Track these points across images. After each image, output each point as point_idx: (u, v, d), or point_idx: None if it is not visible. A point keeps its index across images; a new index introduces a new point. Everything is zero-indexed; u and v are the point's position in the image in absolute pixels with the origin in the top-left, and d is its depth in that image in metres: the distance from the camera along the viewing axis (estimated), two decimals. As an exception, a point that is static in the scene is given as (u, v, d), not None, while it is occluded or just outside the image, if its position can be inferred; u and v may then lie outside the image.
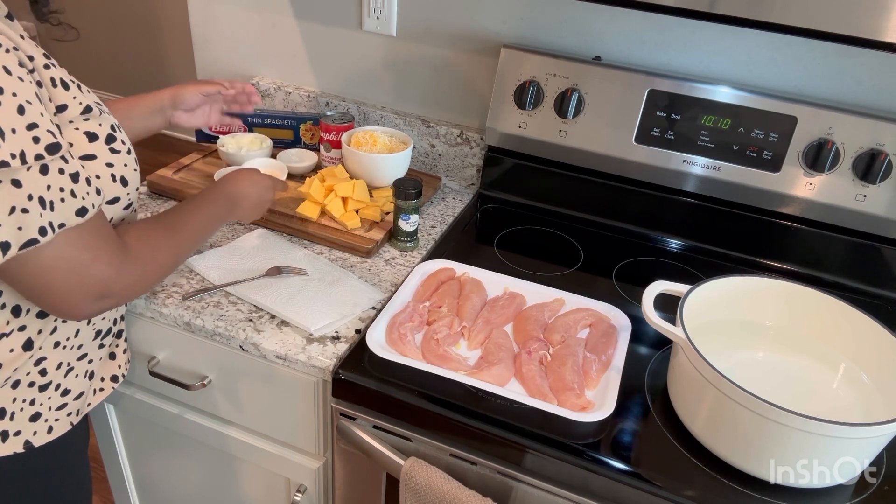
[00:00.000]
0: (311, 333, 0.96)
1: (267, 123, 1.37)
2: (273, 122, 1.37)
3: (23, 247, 0.65)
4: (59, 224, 0.68)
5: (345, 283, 1.06)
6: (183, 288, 1.03)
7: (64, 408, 0.87)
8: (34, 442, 0.83)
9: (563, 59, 1.20)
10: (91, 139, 0.76)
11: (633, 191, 1.25)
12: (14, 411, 0.81)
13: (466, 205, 1.36)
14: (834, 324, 0.90)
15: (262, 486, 1.16)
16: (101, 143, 0.76)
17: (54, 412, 0.86)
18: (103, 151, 0.77)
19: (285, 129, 1.39)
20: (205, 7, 1.51)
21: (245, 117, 1.32)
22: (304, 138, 1.40)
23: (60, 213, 0.68)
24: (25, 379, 0.81)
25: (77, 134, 0.74)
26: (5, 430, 0.80)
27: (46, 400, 0.84)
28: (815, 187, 1.13)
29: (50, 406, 0.85)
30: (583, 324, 1.00)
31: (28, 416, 0.82)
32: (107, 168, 0.77)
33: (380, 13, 1.35)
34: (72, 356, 0.86)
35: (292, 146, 1.39)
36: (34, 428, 0.83)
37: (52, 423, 0.86)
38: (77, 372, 0.88)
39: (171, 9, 3.15)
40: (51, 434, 0.85)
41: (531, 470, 0.84)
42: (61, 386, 0.86)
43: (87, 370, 0.90)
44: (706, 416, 0.81)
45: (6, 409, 0.80)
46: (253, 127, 1.36)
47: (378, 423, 0.92)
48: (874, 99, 1.11)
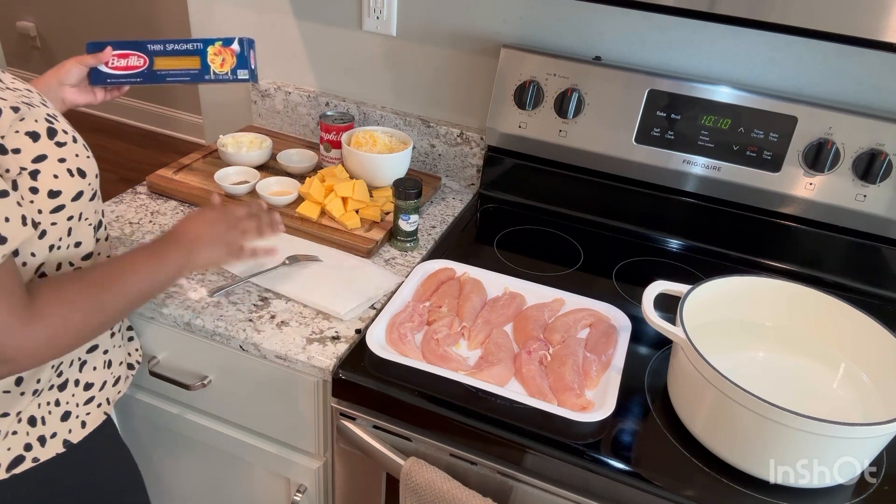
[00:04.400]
0: (341, 318, 0.99)
1: (169, 51, 1.11)
2: (175, 48, 1.11)
3: None
4: None
5: (364, 269, 1.10)
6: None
7: (92, 401, 0.88)
8: (72, 439, 0.85)
9: (563, 59, 1.20)
10: (34, 139, 0.72)
11: (633, 191, 1.25)
12: (44, 415, 0.82)
13: (466, 205, 1.36)
14: (834, 324, 0.90)
15: (262, 486, 1.16)
16: (45, 140, 0.73)
17: (83, 407, 0.87)
18: (50, 148, 0.73)
19: (190, 57, 1.11)
20: (205, 7, 1.51)
21: (143, 46, 1.09)
22: (214, 65, 1.11)
23: None
24: (46, 384, 0.82)
25: (19, 137, 0.70)
26: (42, 435, 0.82)
27: (71, 397, 0.85)
28: (815, 187, 1.13)
29: (77, 402, 0.86)
30: (583, 324, 1.00)
31: (59, 417, 0.84)
32: (60, 164, 0.74)
33: (380, 13, 1.35)
34: (81, 351, 0.87)
35: (201, 78, 1.11)
36: (68, 426, 0.85)
37: (84, 418, 0.87)
38: (94, 364, 0.88)
39: (171, 9, 3.15)
40: (85, 428, 0.87)
41: (531, 470, 0.84)
42: (80, 381, 0.87)
43: (104, 360, 0.90)
44: (706, 416, 0.81)
45: (36, 416, 0.81)
46: (154, 56, 1.10)
47: (378, 423, 0.92)
48: (874, 99, 1.11)
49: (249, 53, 1.10)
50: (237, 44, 1.09)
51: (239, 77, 1.10)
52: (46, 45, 3.59)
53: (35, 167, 0.71)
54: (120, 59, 1.07)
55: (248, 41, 1.10)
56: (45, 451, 0.82)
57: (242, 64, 1.09)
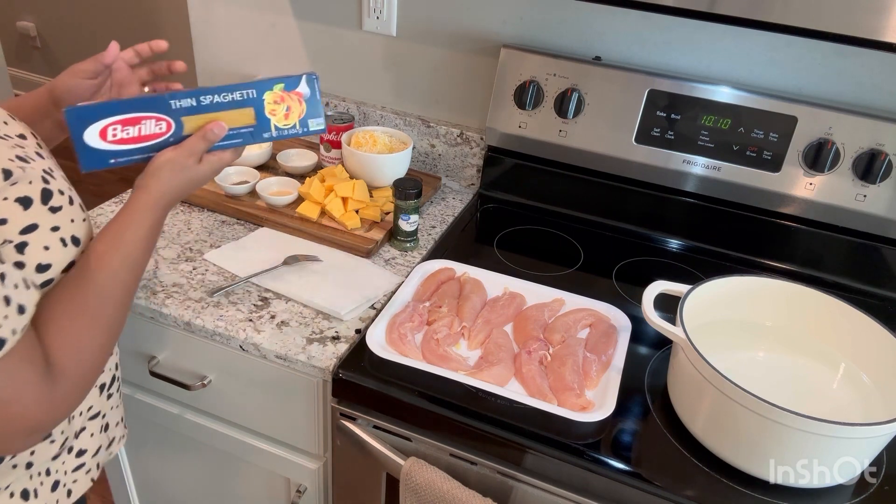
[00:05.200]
0: (341, 318, 0.99)
1: (206, 106, 0.78)
2: (215, 101, 0.78)
3: None
4: None
5: (364, 269, 1.10)
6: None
7: (81, 468, 0.82)
8: None
9: (563, 59, 1.20)
10: (26, 205, 0.63)
11: (633, 191, 1.25)
12: (36, 488, 0.76)
13: (466, 205, 1.36)
14: (834, 324, 0.90)
15: (262, 486, 1.16)
16: (38, 206, 0.64)
17: (71, 474, 0.81)
18: (43, 215, 0.65)
19: (239, 111, 0.79)
20: (205, 7, 1.51)
21: (163, 104, 0.76)
22: (275, 118, 0.81)
23: None
24: (39, 457, 0.76)
25: (7, 204, 0.62)
26: None
27: (61, 465, 0.79)
28: (815, 187, 1.13)
29: (66, 470, 0.80)
30: (583, 324, 1.00)
31: (49, 488, 0.78)
32: (53, 233, 0.66)
33: (380, 13, 1.35)
34: (83, 419, 0.81)
35: (258, 137, 0.81)
36: (56, 497, 0.79)
37: (70, 486, 0.81)
38: (91, 431, 0.83)
39: (171, 9, 3.15)
40: (71, 497, 0.81)
41: (531, 470, 0.84)
42: (74, 448, 0.81)
43: (101, 425, 0.85)
44: (706, 416, 0.81)
45: (28, 489, 0.75)
46: (181, 117, 0.77)
47: (378, 423, 0.92)
48: (874, 99, 1.11)
49: (319, 95, 0.83)
50: (305, 84, 0.81)
51: (311, 129, 0.82)
52: (46, 45, 3.59)
53: (23, 239, 0.63)
54: (127, 127, 0.75)
55: (317, 79, 0.82)
56: None
57: (315, 111, 0.82)
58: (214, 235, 1.17)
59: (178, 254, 1.11)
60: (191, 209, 1.24)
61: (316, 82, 0.82)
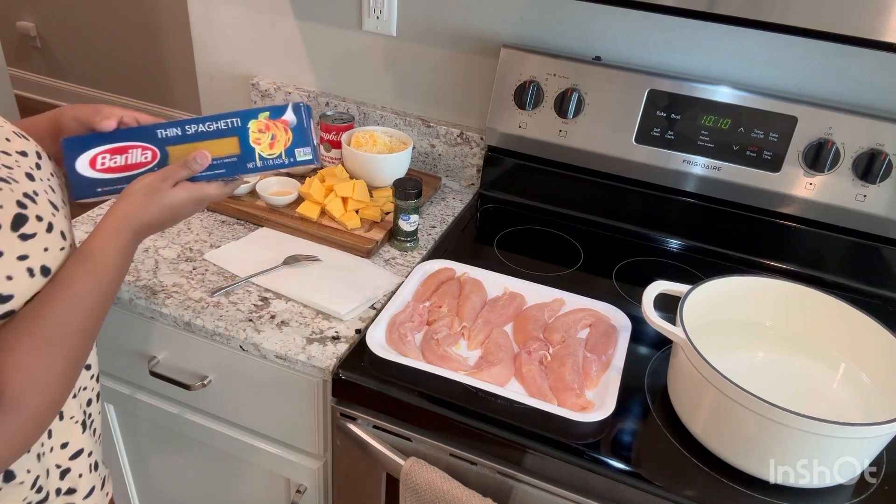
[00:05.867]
0: (341, 318, 0.99)
1: (191, 135, 0.79)
2: (200, 130, 0.79)
3: None
4: None
5: (364, 269, 1.10)
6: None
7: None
8: None
9: (563, 59, 1.20)
10: None
11: (633, 191, 1.25)
12: None
13: (466, 205, 1.36)
14: (834, 324, 0.90)
15: (262, 486, 1.16)
16: (6, 232, 0.60)
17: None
18: (11, 242, 0.61)
19: (223, 140, 0.80)
20: (205, 7, 1.51)
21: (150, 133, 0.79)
22: (260, 147, 0.80)
23: None
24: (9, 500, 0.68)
25: None
26: None
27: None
28: (815, 187, 1.13)
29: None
30: (583, 324, 1.00)
31: None
32: (19, 262, 0.61)
33: (380, 13, 1.35)
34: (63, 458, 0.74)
35: (242, 168, 0.80)
36: None
37: None
38: (80, 471, 0.76)
39: (171, 9, 3.15)
40: None
41: (531, 470, 0.84)
42: (61, 489, 0.74)
43: (89, 464, 0.78)
44: (706, 416, 0.81)
45: None
46: (167, 146, 0.79)
47: (378, 423, 0.92)
48: (874, 99, 1.11)
49: (309, 124, 0.81)
50: (291, 112, 0.80)
51: (298, 159, 0.80)
52: (46, 45, 3.60)
53: None
54: (115, 156, 0.77)
55: (306, 108, 0.81)
56: None
57: (301, 140, 0.80)
58: (214, 235, 1.17)
59: (178, 254, 1.11)
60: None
61: (304, 111, 0.81)
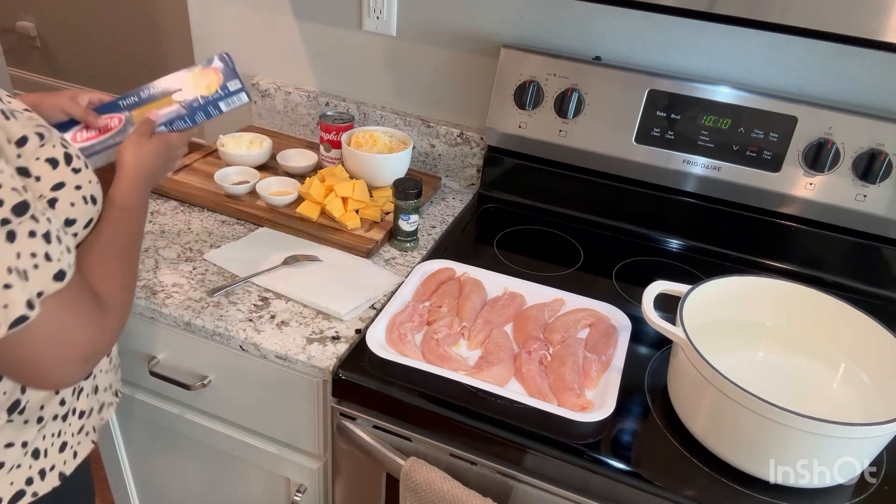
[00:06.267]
0: (341, 318, 0.99)
1: (146, 98, 0.98)
2: (153, 93, 0.99)
3: (12, 326, 0.59)
4: (37, 293, 0.61)
5: (364, 269, 1.10)
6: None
7: (82, 430, 0.86)
8: (66, 471, 0.83)
9: (563, 59, 1.20)
10: (54, 165, 0.69)
11: (633, 191, 1.25)
12: (47, 448, 0.80)
13: (466, 205, 1.36)
14: (834, 324, 0.90)
15: (262, 486, 1.16)
16: (62, 167, 0.70)
17: (76, 437, 0.85)
18: (68, 174, 0.71)
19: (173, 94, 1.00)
20: (205, 7, 1.51)
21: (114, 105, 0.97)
22: (199, 90, 0.99)
23: (37, 280, 0.61)
24: (49, 414, 0.79)
25: (40, 164, 0.68)
26: (42, 468, 0.79)
27: (68, 427, 0.83)
28: (815, 187, 1.13)
29: (72, 432, 0.84)
30: (583, 324, 1.00)
31: (58, 448, 0.82)
32: (76, 192, 0.72)
33: (380, 13, 1.35)
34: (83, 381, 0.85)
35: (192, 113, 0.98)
36: (63, 458, 0.82)
37: (76, 448, 0.85)
38: (87, 391, 0.86)
39: (171, 9, 3.15)
40: (77, 458, 0.85)
41: (531, 470, 0.84)
42: (77, 409, 0.84)
43: (93, 385, 0.88)
44: (706, 416, 0.81)
45: (40, 448, 0.79)
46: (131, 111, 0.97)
47: (378, 423, 0.92)
48: (874, 99, 1.11)
49: (234, 66, 1.01)
50: (218, 60, 1.00)
51: (231, 89, 0.99)
52: (46, 45, 3.59)
53: (54, 195, 0.69)
54: (90, 129, 0.94)
55: (229, 56, 1.01)
56: (44, 485, 0.79)
57: (230, 76, 0.99)
58: (214, 235, 1.17)
59: (178, 254, 1.11)
60: (191, 209, 1.24)
61: (228, 57, 1.01)
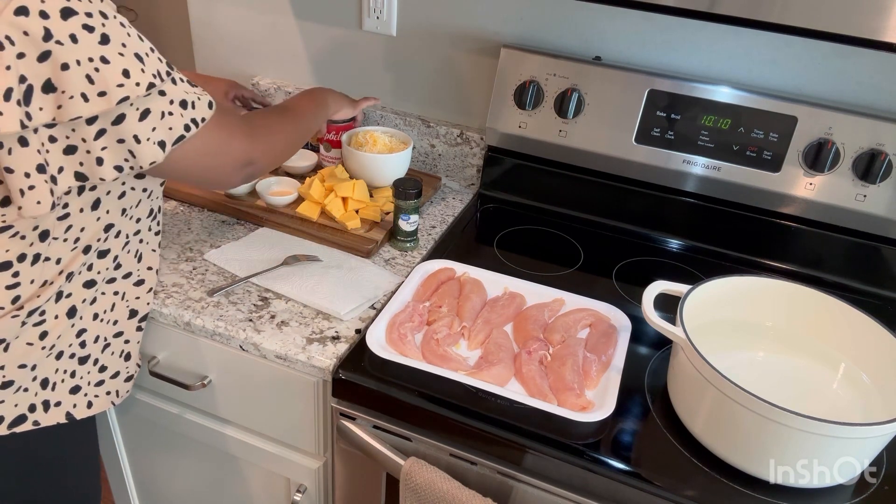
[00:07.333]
0: (341, 318, 0.99)
1: None
2: None
3: (175, 142, 0.77)
4: (200, 119, 0.79)
5: (364, 269, 1.10)
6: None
7: (102, 385, 0.92)
8: (75, 414, 0.89)
9: (563, 59, 1.20)
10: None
11: (633, 191, 1.25)
12: (56, 382, 0.86)
13: (466, 205, 1.36)
14: (834, 324, 0.90)
15: (262, 486, 1.16)
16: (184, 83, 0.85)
17: (94, 388, 0.91)
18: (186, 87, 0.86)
19: None
20: (205, 7, 1.51)
21: None
22: None
23: (199, 109, 0.79)
24: (67, 350, 0.86)
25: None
26: (47, 399, 0.85)
27: (86, 374, 0.90)
28: (815, 187, 1.13)
29: (89, 381, 0.90)
30: (583, 324, 1.00)
31: (69, 389, 0.88)
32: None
33: (380, 13, 1.35)
34: (108, 331, 0.91)
35: None
36: (74, 401, 0.89)
37: (91, 399, 0.91)
38: (113, 349, 0.93)
39: (171, 9, 3.15)
40: (91, 409, 0.91)
41: (531, 470, 0.84)
42: (99, 361, 0.91)
43: (122, 350, 0.94)
44: (706, 416, 0.81)
45: (49, 378, 0.84)
46: None
47: (378, 423, 0.92)
48: (874, 99, 1.11)
49: None
50: None
51: None
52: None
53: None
54: None
55: None
56: (47, 417, 0.85)
57: None
58: (214, 235, 1.17)
59: (178, 254, 1.11)
60: (191, 209, 1.24)
61: None
